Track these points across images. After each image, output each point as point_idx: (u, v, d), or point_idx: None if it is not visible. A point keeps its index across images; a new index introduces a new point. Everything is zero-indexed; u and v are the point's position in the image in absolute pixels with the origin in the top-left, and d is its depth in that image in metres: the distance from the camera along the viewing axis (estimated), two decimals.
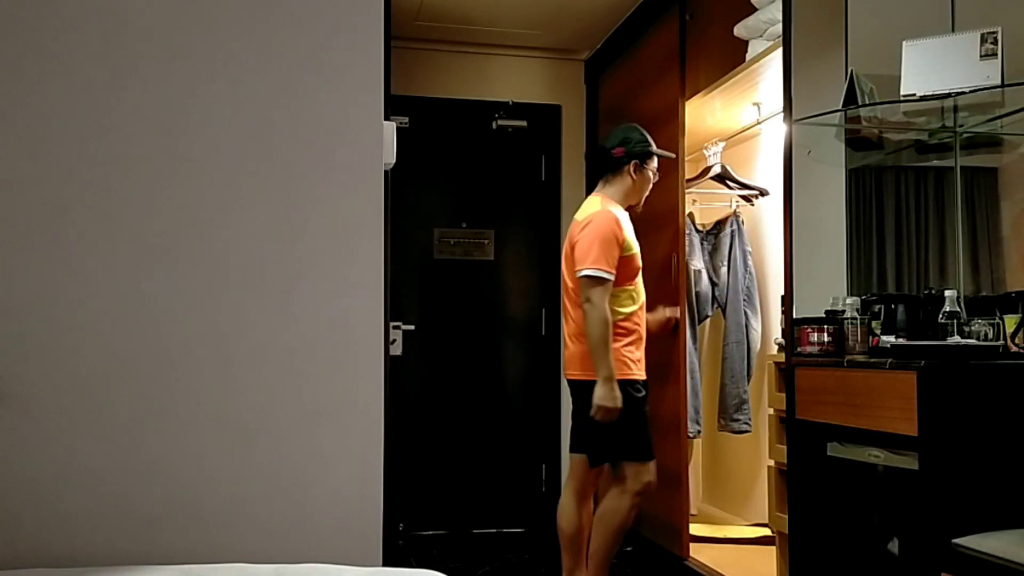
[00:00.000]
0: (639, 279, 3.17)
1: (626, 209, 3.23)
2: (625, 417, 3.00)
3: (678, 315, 3.71)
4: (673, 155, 3.46)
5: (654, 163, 3.26)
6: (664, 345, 3.86)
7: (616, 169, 3.22)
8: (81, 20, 1.62)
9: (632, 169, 3.20)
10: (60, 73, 1.61)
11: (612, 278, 3.02)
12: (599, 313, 2.98)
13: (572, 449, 3.28)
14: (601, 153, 3.28)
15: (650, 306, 3.37)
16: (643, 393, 3.11)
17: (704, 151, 4.08)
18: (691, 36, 3.78)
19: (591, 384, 3.01)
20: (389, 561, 1.74)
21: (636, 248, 3.14)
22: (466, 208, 4.88)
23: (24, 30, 1.60)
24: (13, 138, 1.59)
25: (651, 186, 3.29)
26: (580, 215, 3.18)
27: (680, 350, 3.74)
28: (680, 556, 3.67)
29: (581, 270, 3.03)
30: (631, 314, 3.11)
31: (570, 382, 3.20)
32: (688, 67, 3.78)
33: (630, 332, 3.09)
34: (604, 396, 2.97)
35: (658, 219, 3.88)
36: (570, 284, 3.16)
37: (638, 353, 3.12)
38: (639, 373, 3.10)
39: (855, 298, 2.65)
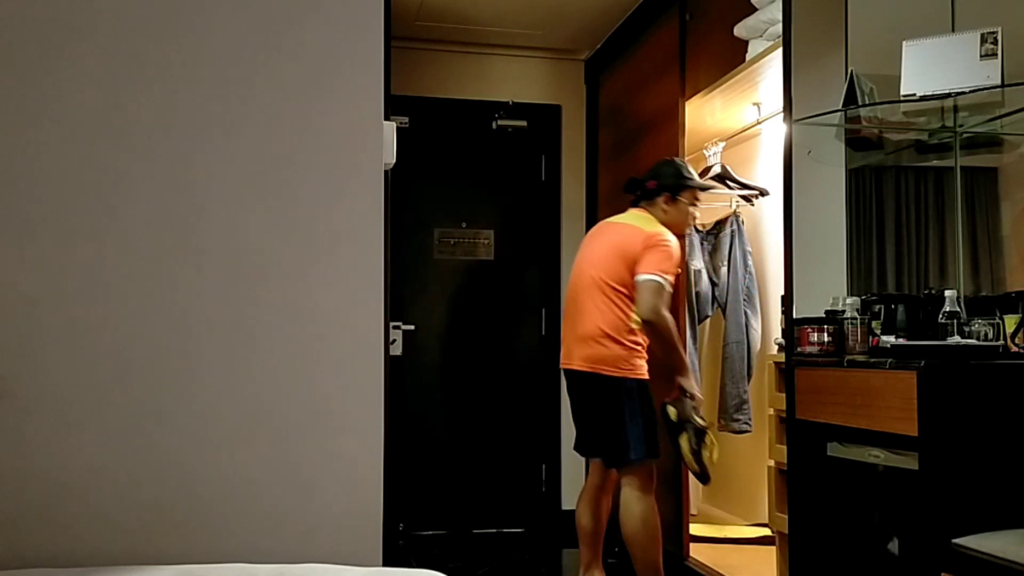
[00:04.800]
0: None
1: None
2: (646, 416, 3.10)
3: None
4: (714, 186, 3.46)
5: (690, 195, 3.31)
6: None
7: (651, 199, 3.31)
8: (84, 22, 1.62)
9: (664, 200, 3.28)
10: (64, 75, 1.61)
11: (671, 292, 3.13)
12: (664, 315, 3.07)
13: (585, 453, 3.38)
14: (636, 184, 3.38)
15: None
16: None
17: (704, 151, 4.08)
18: (691, 36, 3.78)
19: (620, 381, 3.11)
20: (389, 561, 1.74)
21: None
22: (466, 208, 4.88)
23: (31, 35, 1.60)
24: (16, 138, 1.59)
25: (692, 217, 3.36)
26: (642, 224, 3.21)
27: None
28: (680, 556, 3.67)
29: (653, 275, 3.08)
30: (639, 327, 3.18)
31: (595, 377, 3.17)
32: (688, 67, 3.78)
33: (638, 344, 3.16)
34: (694, 385, 3.17)
35: None
36: (610, 282, 3.16)
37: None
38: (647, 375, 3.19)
39: (855, 298, 2.65)
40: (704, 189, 3.39)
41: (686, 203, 3.29)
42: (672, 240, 3.16)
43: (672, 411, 3.11)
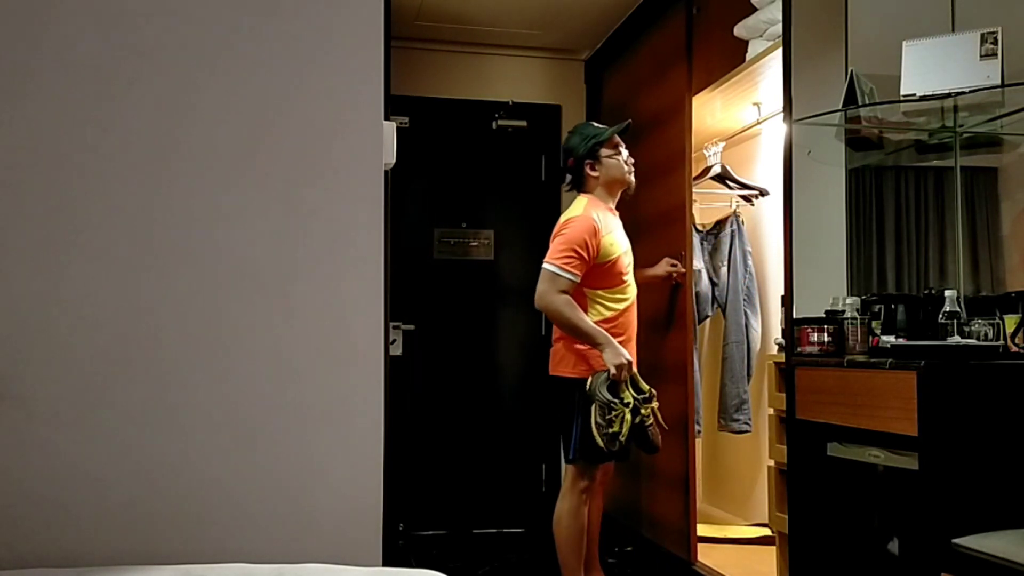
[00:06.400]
0: (629, 279, 3.20)
1: (620, 195, 3.29)
2: (586, 417, 3.01)
3: (682, 270, 3.69)
4: (627, 121, 3.37)
5: (610, 148, 3.25)
6: (669, 345, 3.85)
7: (580, 177, 3.28)
8: (79, 19, 1.62)
9: (589, 169, 3.24)
10: (57, 71, 1.61)
11: (570, 278, 3.04)
12: (550, 300, 3.04)
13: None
14: (564, 172, 3.35)
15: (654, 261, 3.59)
16: None
17: (704, 151, 4.08)
18: (696, 31, 3.77)
19: (571, 382, 3.10)
20: (389, 561, 1.74)
21: (620, 250, 3.16)
22: (466, 208, 4.88)
23: (23, 28, 1.60)
24: (11, 137, 1.59)
25: (627, 164, 3.27)
26: (564, 215, 3.24)
27: (687, 350, 3.73)
28: (685, 558, 3.65)
29: (545, 264, 3.09)
30: (614, 316, 3.13)
31: (554, 380, 3.22)
32: (695, 62, 3.76)
33: (614, 336, 3.07)
34: (612, 358, 3.00)
35: (663, 217, 3.88)
36: None
37: None
38: None
39: (855, 298, 2.65)
40: (621, 132, 3.30)
41: (609, 156, 3.24)
42: (577, 223, 3.09)
43: (588, 384, 3.04)
